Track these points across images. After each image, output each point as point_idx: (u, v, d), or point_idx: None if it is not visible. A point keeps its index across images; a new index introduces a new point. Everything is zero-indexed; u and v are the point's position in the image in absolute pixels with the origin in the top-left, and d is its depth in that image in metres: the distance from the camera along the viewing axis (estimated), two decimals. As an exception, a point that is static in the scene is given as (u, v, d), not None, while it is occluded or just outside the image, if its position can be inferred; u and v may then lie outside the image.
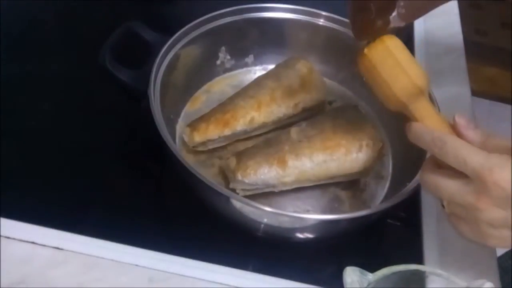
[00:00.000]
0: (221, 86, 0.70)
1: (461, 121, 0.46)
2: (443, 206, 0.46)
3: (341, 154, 0.58)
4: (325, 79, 0.68)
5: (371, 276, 0.42)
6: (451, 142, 0.43)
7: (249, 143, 0.62)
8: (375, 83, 0.50)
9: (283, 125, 0.64)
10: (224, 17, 0.67)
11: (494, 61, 1.97)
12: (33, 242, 0.52)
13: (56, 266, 0.51)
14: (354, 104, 0.67)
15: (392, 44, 0.49)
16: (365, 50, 0.50)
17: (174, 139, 0.62)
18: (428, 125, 0.47)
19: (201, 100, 0.68)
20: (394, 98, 0.49)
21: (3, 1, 0.77)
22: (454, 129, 0.46)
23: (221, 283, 0.51)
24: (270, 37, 0.70)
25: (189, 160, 0.58)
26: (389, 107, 0.51)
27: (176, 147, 0.59)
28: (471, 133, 0.45)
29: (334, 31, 0.69)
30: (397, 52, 0.49)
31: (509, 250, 0.77)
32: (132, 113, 0.66)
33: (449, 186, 0.44)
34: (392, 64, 0.49)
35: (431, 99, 0.56)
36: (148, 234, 0.55)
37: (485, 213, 0.42)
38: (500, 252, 0.60)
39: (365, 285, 0.41)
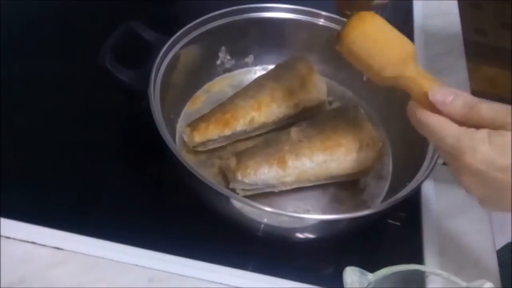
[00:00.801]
0: (221, 86, 0.70)
1: (435, 98, 0.44)
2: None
3: (341, 154, 0.58)
4: (325, 79, 0.68)
5: (371, 276, 0.42)
6: (432, 124, 0.44)
7: (249, 143, 0.62)
8: (355, 63, 0.50)
9: (283, 125, 0.64)
10: (224, 17, 0.67)
11: (494, 61, 1.97)
12: (33, 242, 0.52)
13: (56, 266, 0.51)
14: (354, 104, 0.67)
15: (366, 27, 0.48)
16: (340, 35, 0.49)
17: (174, 139, 0.62)
18: (415, 100, 0.46)
19: (201, 100, 0.68)
20: (376, 79, 0.49)
21: (3, 1, 0.77)
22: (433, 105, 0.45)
23: (221, 283, 0.51)
24: (270, 37, 0.70)
25: (189, 160, 0.58)
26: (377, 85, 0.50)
27: (176, 147, 0.59)
28: (449, 108, 0.43)
29: (334, 31, 0.69)
30: (373, 34, 0.48)
31: (509, 244, 0.77)
32: (132, 113, 0.66)
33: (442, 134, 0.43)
34: (367, 47, 0.48)
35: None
36: (148, 234, 0.55)
37: (464, 185, 0.44)
38: (498, 246, 0.60)
39: (365, 285, 0.41)
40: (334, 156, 0.58)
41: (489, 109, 0.42)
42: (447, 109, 0.43)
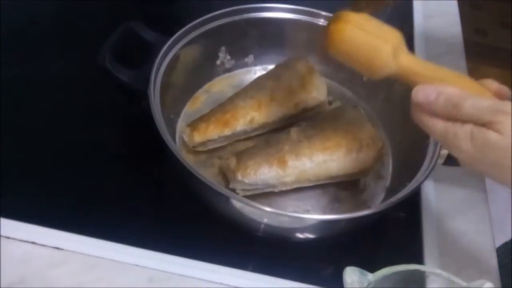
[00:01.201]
0: (221, 86, 0.70)
1: (418, 100, 0.44)
2: None
3: (341, 154, 0.58)
4: (325, 79, 0.68)
5: (371, 276, 0.42)
6: (421, 121, 0.45)
7: (249, 143, 0.62)
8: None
9: (283, 125, 0.64)
10: (224, 17, 0.67)
11: (494, 61, 1.97)
12: (33, 242, 0.52)
13: (56, 266, 0.51)
14: (354, 104, 0.67)
15: (342, 38, 0.48)
16: (326, 45, 0.50)
17: (174, 139, 0.62)
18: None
19: (201, 100, 0.68)
20: (372, 77, 0.49)
21: (3, 1, 0.77)
22: None
23: (221, 283, 0.51)
24: (270, 37, 0.70)
25: (189, 160, 0.58)
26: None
27: (176, 147, 0.59)
28: (432, 108, 0.44)
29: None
30: (349, 46, 0.48)
31: (507, 243, 0.77)
32: (132, 113, 0.66)
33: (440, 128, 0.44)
34: (348, 58, 0.49)
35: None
36: (148, 234, 0.55)
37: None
38: (497, 245, 0.60)
39: (365, 285, 0.41)
40: (334, 156, 0.58)
41: (472, 106, 0.42)
42: (431, 108, 0.44)
